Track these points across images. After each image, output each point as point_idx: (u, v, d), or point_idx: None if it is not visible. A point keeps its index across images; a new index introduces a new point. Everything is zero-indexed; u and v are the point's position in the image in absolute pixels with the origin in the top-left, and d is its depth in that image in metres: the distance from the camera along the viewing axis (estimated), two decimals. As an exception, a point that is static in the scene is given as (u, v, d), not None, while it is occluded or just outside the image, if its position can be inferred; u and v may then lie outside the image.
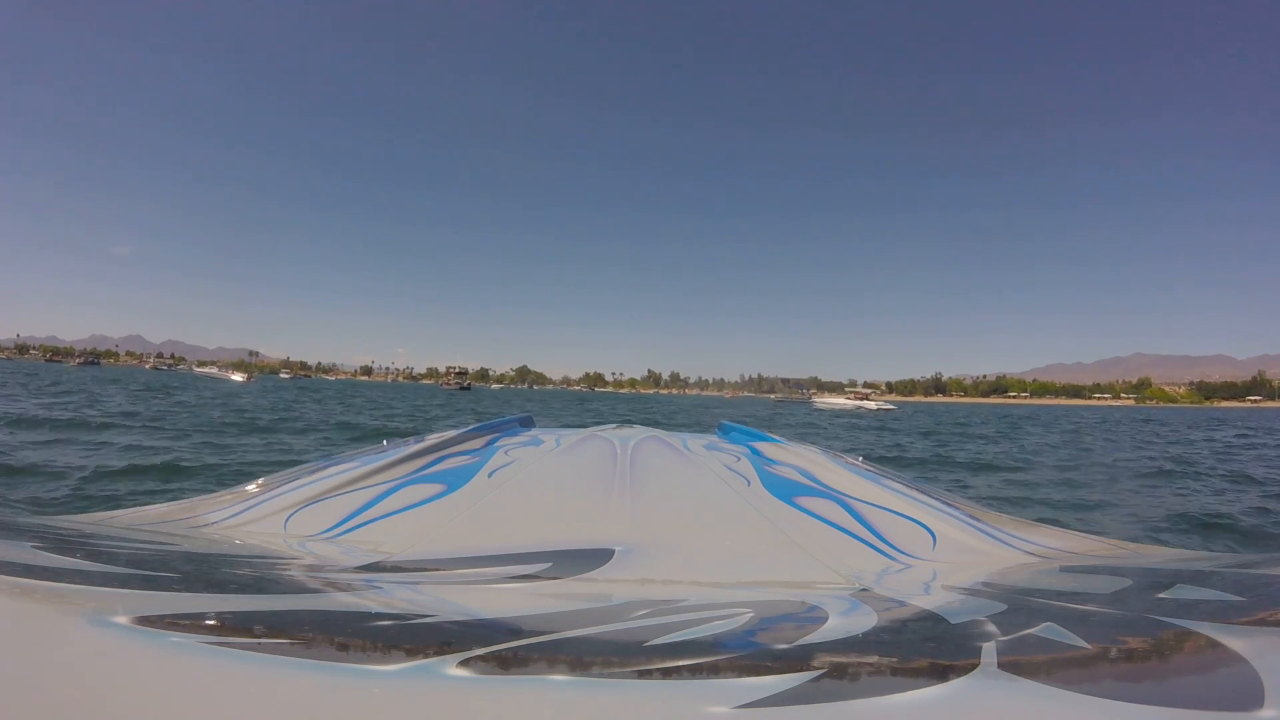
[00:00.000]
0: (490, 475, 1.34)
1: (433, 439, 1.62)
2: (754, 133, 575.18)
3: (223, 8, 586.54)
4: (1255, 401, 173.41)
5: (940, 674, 0.37)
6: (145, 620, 0.39)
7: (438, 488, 1.22)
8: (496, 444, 1.72)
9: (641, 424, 2.62)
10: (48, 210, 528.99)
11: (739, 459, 1.62)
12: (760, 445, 1.84)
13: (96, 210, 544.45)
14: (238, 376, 58.58)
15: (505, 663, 0.37)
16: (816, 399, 52.92)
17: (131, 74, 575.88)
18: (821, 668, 0.38)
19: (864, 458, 1.76)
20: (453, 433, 1.74)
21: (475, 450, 1.61)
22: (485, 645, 0.40)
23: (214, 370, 78.36)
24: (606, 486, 1.27)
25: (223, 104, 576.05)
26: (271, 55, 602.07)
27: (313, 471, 1.33)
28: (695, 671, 0.37)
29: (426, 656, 0.37)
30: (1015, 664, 0.38)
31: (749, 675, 0.36)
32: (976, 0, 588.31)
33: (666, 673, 0.37)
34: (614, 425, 2.42)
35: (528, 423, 2.33)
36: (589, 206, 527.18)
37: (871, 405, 42.06)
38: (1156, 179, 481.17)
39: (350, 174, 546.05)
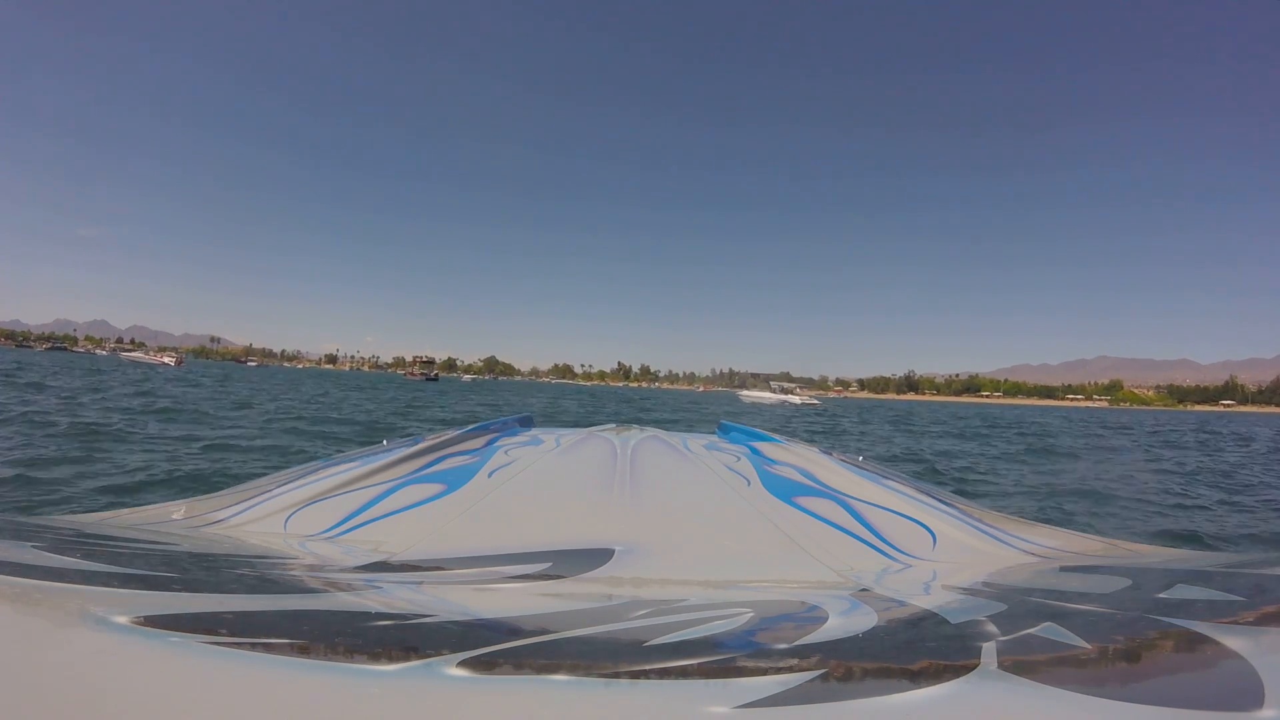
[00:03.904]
0: (490, 475, 1.33)
1: (433, 439, 1.62)
2: (729, 129, 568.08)
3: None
4: (1228, 406, 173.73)
5: (940, 674, 0.37)
6: (145, 620, 0.39)
7: (438, 487, 1.21)
8: (496, 444, 1.72)
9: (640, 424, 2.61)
10: (9, 190, 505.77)
11: (739, 459, 1.62)
12: (760, 445, 1.83)
13: (61, 192, 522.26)
14: (168, 360, 57.46)
15: (505, 663, 0.37)
16: (742, 392, 53.27)
17: (102, 58, 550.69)
18: (821, 668, 0.38)
19: (864, 457, 1.75)
20: (453, 432, 1.74)
21: (475, 450, 1.60)
22: (485, 645, 0.39)
23: (141, 355, 76.11)
24: (606, 486, 1.27)
25: (199, 90, 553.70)
26: (242, 38, 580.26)
27: (313, 471, 1.32)
28: (695, 671, 0.37)
29: (426, 656, 0.36)
30: (1015, 664, 0.38)
31: (749, 675, 0.36)
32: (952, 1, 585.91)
33: (666, 673, 0.36)
34: (614, 425, 2.41)
35: (527, 422, 2.32)
36: (561, 199, 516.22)
37: (796, 400, 42.32)
38: (1125, 184, 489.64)
39: (321, 162, 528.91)
